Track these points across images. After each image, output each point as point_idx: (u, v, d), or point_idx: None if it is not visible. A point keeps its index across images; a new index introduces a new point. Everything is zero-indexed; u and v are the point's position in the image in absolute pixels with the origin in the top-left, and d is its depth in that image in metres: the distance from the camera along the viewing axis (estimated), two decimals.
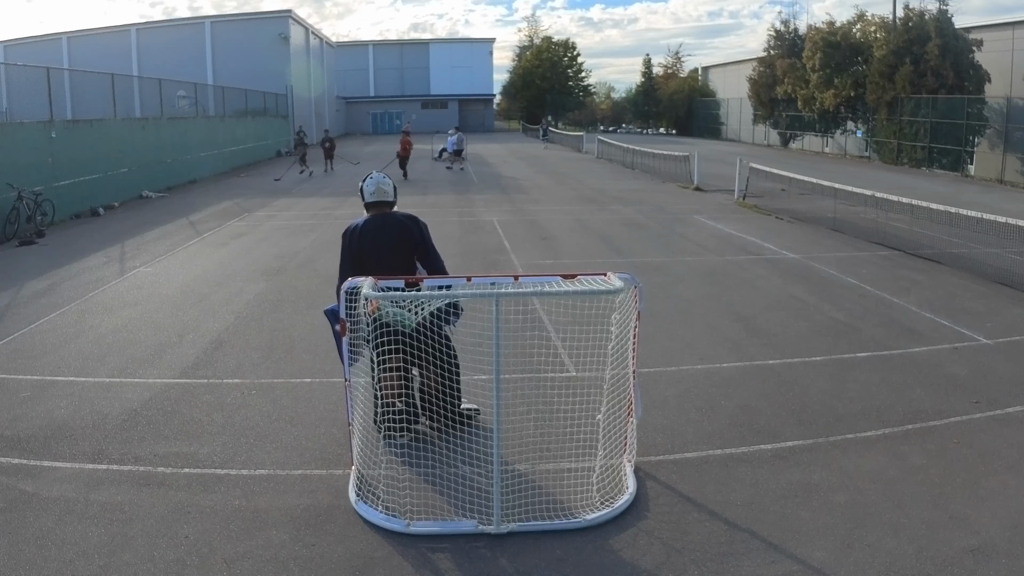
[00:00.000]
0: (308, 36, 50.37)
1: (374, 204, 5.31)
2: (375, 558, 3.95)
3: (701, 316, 8.50)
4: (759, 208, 17.46)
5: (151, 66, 39.74)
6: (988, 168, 28.58)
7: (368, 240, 5.14)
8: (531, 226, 15.03)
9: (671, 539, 4.12)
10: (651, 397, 5.90)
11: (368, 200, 5.31)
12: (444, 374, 4.92)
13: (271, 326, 8.06)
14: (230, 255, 12.18)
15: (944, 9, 31.44)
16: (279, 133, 38.68)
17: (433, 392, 4.99)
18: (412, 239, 5.20)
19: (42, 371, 6.67)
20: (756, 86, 44.51)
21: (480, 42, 72.70)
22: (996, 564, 3.85)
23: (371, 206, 5.32)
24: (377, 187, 5.29)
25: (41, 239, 13.67)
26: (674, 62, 70.27)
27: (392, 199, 5.36)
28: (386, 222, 5.22)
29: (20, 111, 16.87)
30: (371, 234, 5.14)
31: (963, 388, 6.30)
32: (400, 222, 5.25)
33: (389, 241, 5.15)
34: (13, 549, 3.95)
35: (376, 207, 5.31)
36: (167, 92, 24.64)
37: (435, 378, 4.98)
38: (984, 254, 11.46)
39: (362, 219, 5.29)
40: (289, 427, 5.53)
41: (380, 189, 5.30)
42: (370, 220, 5.24)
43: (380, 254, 5.09)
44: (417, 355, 4.64)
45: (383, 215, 5.28)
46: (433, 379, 4.99)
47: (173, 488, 4.63)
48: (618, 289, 4.32)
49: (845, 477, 4.79)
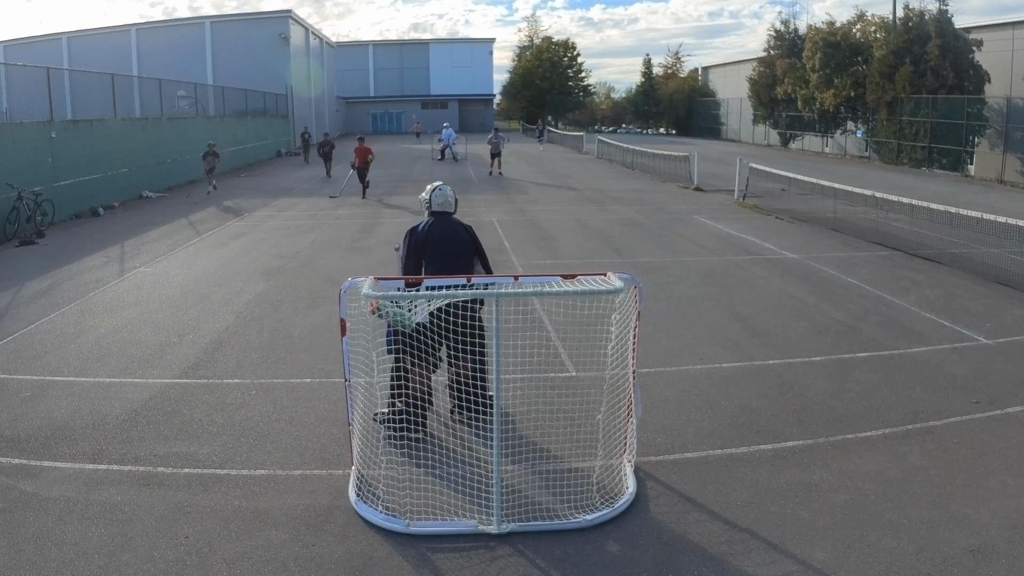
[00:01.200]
0: (308, 36, 50.35)
1: (439, 213, 5.72)
2: (375, 558, 3.95)
3: (701, 316, 8.50)
4: (759, 208, 17.46)
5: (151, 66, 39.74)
6: (988, 168, 28.58)
7: (435, 239, 5.55)
8: (531, 226, 15.03)
9: (671, 539, 4.12)
10: (651, 397, 5.90)
11: (435, 209, 5.72)
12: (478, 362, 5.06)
13: (271, 326, 8.06)
14: (230, 255, 12.17)
15: (944, 9, 31.44)
16: (279, 133, 38.69)
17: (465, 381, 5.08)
18: (474, 241, 5.72)
19: (42, 371, 6.67)
20: (756, 86, 44.52)
21: (480, 42, 72.67)
22: (996, 564, 3.85)
23: (436, 214, 5.72)
24: (445, 199, 5.76)
25: (41, 239, 13.67)
26: (674, 62, 70.29)
27: (453, 210, 5.83)
28: (450, 225, 5.67)
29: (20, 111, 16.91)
30: (438, 235, 5.56)
31: (963, 388, 6.31)
32: (463, 226, 5.72)
33: (454, 241, 5.60)
34: (13, 549, 3.96)
35: (440, 216, 5.72)
36: (167, 92, 24.64)
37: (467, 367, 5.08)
38: (984, 254, 11.46)
39: (425, 221, 5.65)
40: (289, 427, 5.53)
41: (447, 201, 5.77)
42: (435, 223, 5.62)
43: (445, 253, 5.52)
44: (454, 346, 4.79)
45: (447, 220, 5.70)
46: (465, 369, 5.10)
47: (173, 488, 4.63)
48: (618, 289, 4.32)
49: (845, 477, 4.79)
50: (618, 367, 4.81)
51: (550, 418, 5.42)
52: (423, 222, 5.65)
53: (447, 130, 34.25)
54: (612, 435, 4.87)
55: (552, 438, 5.09)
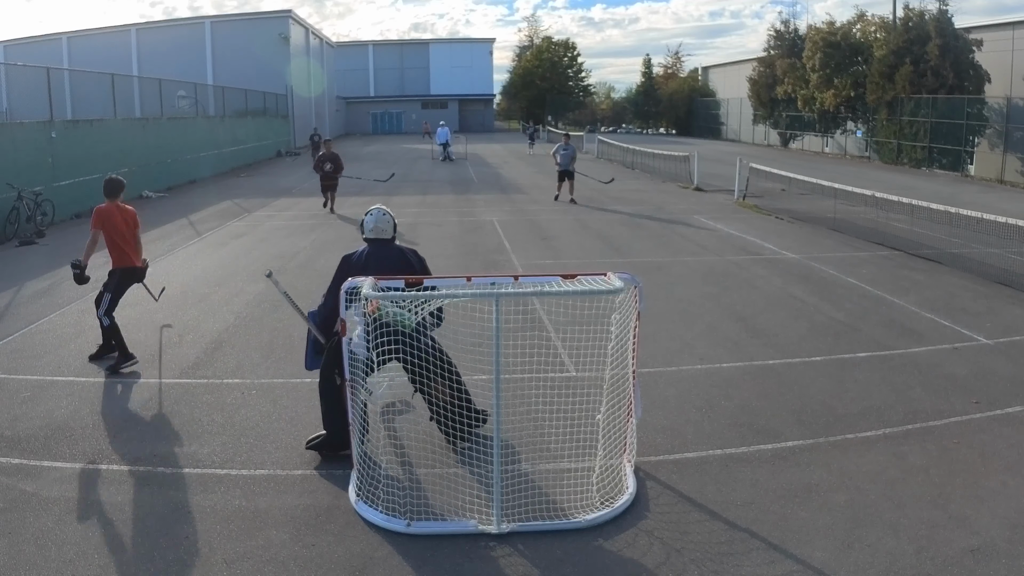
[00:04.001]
0: (308, 36, 50.35)
1: (373, 240, 5.24)
2: (375, 558, 3.95)
3: (701, 316, 8.50)
4: (759, 208, 17.46)
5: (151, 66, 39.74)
6: (988, 168, 28.58)
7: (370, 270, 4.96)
8: (531, 226, 15.02)
9: (671, 539, 4.12)
10: (651, 397, 5.90)
11: (367, 235, 5.25)
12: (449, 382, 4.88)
13: (271, 326, 8.06)
14: (230, 255, 12.17)
15: (944, 9, 31.45)
16: (279, 133, 38.69)
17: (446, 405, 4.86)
18: (412, 271, 5.13)
19: (42, 371, 6.67)
20: (756, 86, 44.53)
21: (480, 42, 72.68)
22: (996, 564, 3.85)
23: (370, 241, 5.25)
24: (375, 224, 5.22)
25: (41, 239, 13.67)
26: (674, 62, 70.40)
27: (391, 235, 5.28)
28: (389, 254, 5.17)
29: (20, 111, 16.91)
30: (373, 266, 5.02)
31: (963, 388, 6.30)
32: (405, 255, 5.20)
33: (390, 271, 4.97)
34: (13, 549, 3.95)
35: (375, 244, 5.24)
36: (167, 92, 24.63)
37: (442, 390, 4.88)
38: (984, 254, 11.46)
39: (362, 250, 5.22)
40: (289, 427, 5.53)
41: (378, 227, 5.22)
42: (372, 252, 5.17)
43: None
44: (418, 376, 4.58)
45: (385, 248, 5.22)
46: (440, 391, 4.89)
47: (173, 488, 4.63)
48: (618, 289, 4.32)
49: (845, 477, 4.79)
50: (618, 367, 4.81)
51: (550, 418, 5.41)
52: (360, 250, 5.18)
53: (442, 129, 34.21)
54: (612, 435, 4.87)
55: (552, 438, 5.09)
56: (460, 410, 4.76)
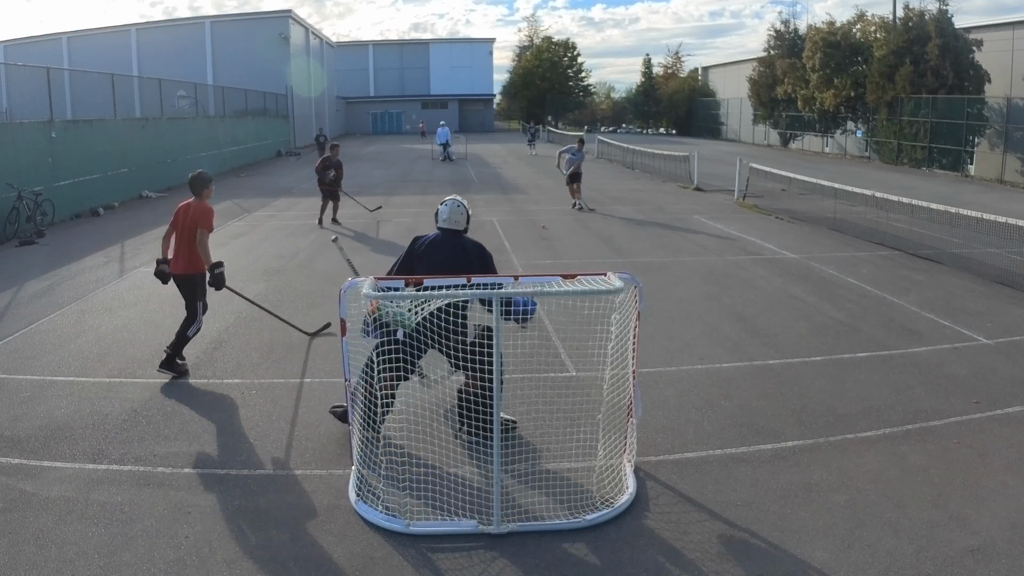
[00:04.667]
0: (308, 36, 50.35)
1: (445, 230, 5.39)
2: (375, 558, 3.95)
3: (701, 316, 8.50)
4: (759, 208, 17.46)
5: (151, 66, 39.74)
6: (988, 168, 28.58)
7: (430, 257, 5.23)
8: (531, 226, 15.02)
9: (671, 539, 4.12)
10: (651, 397, 5.90)
11: (439, 224, 5.40)
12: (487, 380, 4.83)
13: (271, 326, 8.06)
14: (230, 255, 12.15)
15: (944, 9, 31.46)
16: (279, 133, 38.69)
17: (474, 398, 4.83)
18: (483, 269, 5.22)
19: (42, 371, 6.67)
20: (756, 86, 44.52)
21: (480, 42, 72.66)
22: (996, 564, 3.85)
23: (442, 230, 5.40)
24: (449, 214, 5.37)
25: (41, 239, 13.67)
26: (674, 62, 70.39)
27: (463, 227, 5.42)
28: (454, 246, 5.30)
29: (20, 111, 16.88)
30: (435, 253, 5.23)
31: (963, 388, 6.30)
32: (472, 250, 5.30)
33: (451, 264, 5.16)
34: (13, 549, 3.95)
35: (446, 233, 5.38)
36: (167, 92, 24.63)
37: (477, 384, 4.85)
38: (984, 254, 11.47)
39: (432, 235, 5.38)
40: (289, 427, 5.53)
41: (451, 217, 5.37)
42: (438, 239, 5.32)
43: (432, 270, 5.13)
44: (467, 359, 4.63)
45: (454, 239, 5.34)
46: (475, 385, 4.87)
47: (173, 488, 4.63)
48: (618, 289, 4.32)
49: (845, 477, 4.79)
50: (618, 367, 4.81)
51: (550, 418, 5.42)
52: (430, 235, 5.40)
53: (442, 129, 34.24)
54: (612, 435, 4.87)
55: (552, 438, 5.09)
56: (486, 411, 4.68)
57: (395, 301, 4.57)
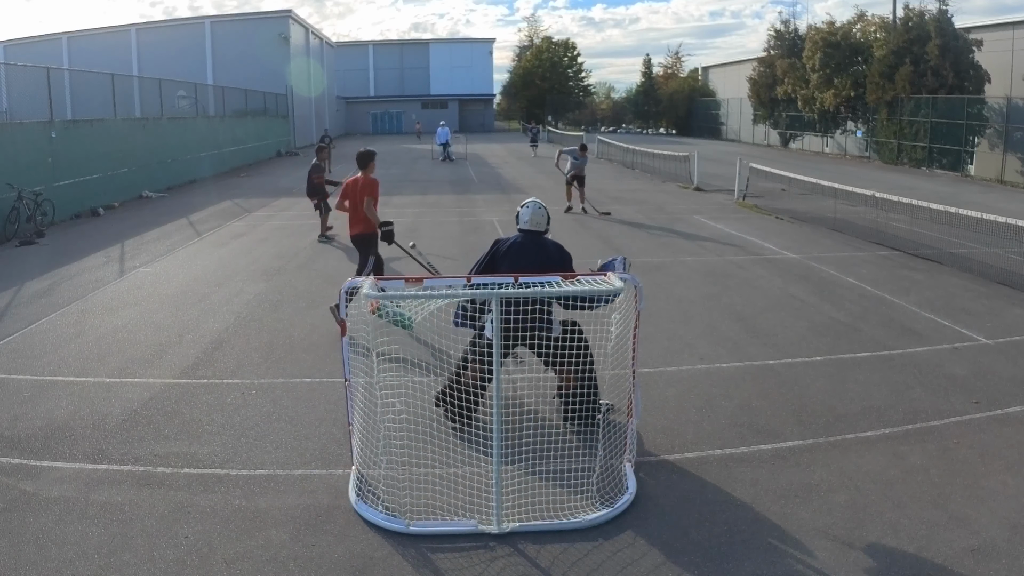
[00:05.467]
0: (308, 36, 50.36)
1: (526, 231, 5.58)
2: (375, 558, 3.95)
3: (701, 316, 8.50)
4: (759, 208, 17.46)
5: (151, 66, 39.76)
6: (988, 168, 28.58)
7: (510, 257, 5.44)
8: None
9: (671, 539, 4.12)
10: (651, 397, 5.90)
11: (520, 226, 5.60)
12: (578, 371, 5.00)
13: (271, 326, 8.06)
14: (230, 255, 12.17)
15: (944, 9, 31.45)
16: (279, 133, 38.69)
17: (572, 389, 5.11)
18: (564, 268, 5.35)
19: (42, 371, 6.67)
20: (756, 86, 44.53)
21: (480, 42, 72.66)
22: (996, 564, 3.85)
23: (522, 232, 5.60)
24: (530, 216, 5.59)
25: (41, 239, 13.67)
26: (674, 62, 70.38)
27: (544, 228, 5.63)
28: (535, 246, 5.51)
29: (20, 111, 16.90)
30: (515, 253, 5.45)
31: (963, 388, 6.30)
32: (554, 251, 5.50)
33: (531, 264, 5.35)
34: (13, 549, 3.96)
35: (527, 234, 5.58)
36: (167, 92, 24.63)
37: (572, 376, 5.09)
38: (984, 254, 11.47)
39: (513, 237, 5.59)
40: (289, 427, 5.53)
41: (532, 219, 5.58)
42: (519, 240, 5.53)
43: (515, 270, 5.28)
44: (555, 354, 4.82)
45: (535, 239, 5.55)
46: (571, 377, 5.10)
47: (173, 488, 4.63)
48: (618, 289, 4.32)
49: (845, 477, 4.79)
50: (618, 367, 4.81)
51: (550, 418, 5.42)
52: (511, 237, 5.60)
53: (442, 129, 34.26)
54: (612, 435, 4.87)
55: (552, 438, 5.09)
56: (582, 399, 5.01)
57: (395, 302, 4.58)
